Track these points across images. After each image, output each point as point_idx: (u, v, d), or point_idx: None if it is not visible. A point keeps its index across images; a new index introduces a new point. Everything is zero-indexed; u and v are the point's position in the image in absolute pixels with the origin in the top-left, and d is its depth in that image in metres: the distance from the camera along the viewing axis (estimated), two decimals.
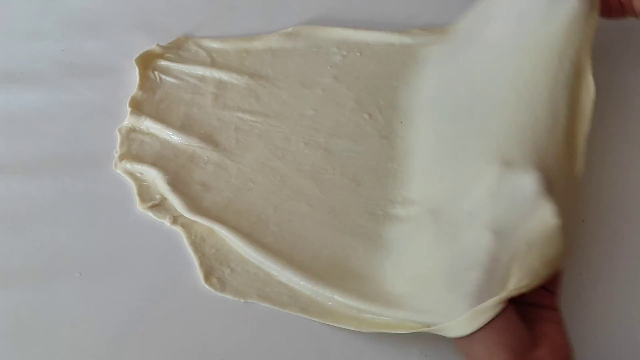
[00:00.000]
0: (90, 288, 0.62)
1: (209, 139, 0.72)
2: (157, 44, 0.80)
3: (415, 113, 0.74)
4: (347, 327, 0.59)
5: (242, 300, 0.62)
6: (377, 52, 0.81)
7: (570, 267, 0.62)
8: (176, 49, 0.81)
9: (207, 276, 0.63)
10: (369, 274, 0.63)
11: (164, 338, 0.60)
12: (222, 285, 0.63)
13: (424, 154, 0.70)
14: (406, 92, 0.77)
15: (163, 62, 0.79)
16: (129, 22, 0.84)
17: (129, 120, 0.74)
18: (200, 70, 0.78)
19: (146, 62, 0.79)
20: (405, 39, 0.82)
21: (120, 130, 0.73)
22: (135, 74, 0.78)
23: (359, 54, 0.81)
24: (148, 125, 0.73)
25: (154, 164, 0.70)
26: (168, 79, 0.78)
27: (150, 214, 0.67)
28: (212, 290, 0.62)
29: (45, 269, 0.63)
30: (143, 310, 0.61)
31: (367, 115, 0.75)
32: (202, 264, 0.64)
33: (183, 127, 0.73)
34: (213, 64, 0.80)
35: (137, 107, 0.75)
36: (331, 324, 0.60)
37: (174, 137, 0.72)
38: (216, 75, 0.78)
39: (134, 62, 0.78)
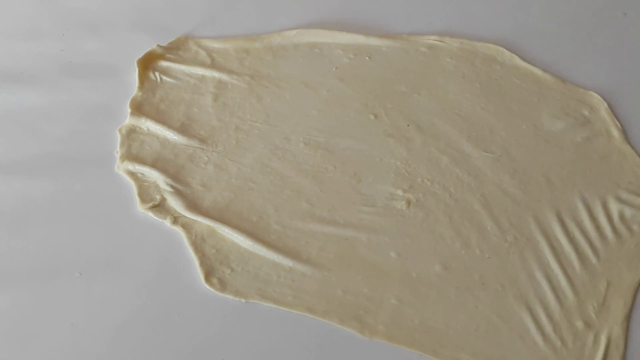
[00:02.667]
0: (90, 288, 0.62)
1: (209, 140, 0.72)
2: (158, 45, 0.80)
3: (423, 121, 0.75)
4: (350, 330, 0.60)
5: (242, 300, 0.62)
6: (389, 58, 0.81)
7: None
8: (176, 49, 0.81)
9: (208, 276, 0.63)
10: (375, 262, 0.64)
11: (164, 338, 0.60)
12: (223, 286, 0.63)
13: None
14: (415, 98, 0.77)
15: (164, 63, 0.79)
16: (129, 22, 0.84)
17: (129, 120, 0.74)
18: (200, 71, 0.78)
19: (147, 63, 0.79)
20: (421, 48, 0.81)
21: (120, 130, 0.73)
22: (135, 75, 0.77)
23: (368, 57, 0.81)
24: (148, 125, 0.73)
25: (154, 164, 0.70)
26: (168, 79, 0.78)
27: (150, 214, 0.67)
28: (213, 290, 0.62)
29: (46, 268, 0.63)
30: (143, 310, 0.61)
31: (373, 115, 0.75)
32: (203, 264, 0.64)
33: (183, 127, 0.73)
34: (213, 64, 0.80)
35: (138, 107, 0.75)
36: (334, 325, 0.60)
37: (174, 138, 0.72)
38: (216, 75, 0.78)
39: (135, 63, 0.78)
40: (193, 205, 0.67)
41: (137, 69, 0.77)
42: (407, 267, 0.64)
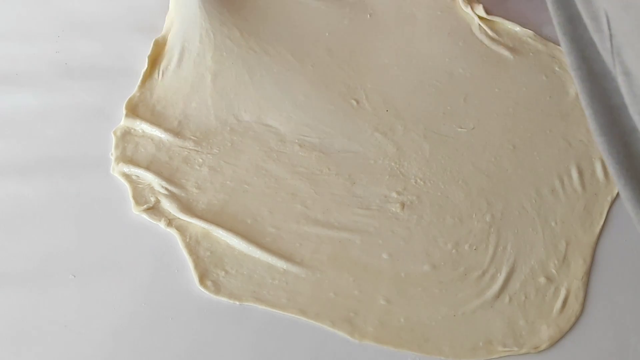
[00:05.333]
0: (84, 290, 0.62)
1: (204, 142, 0.72)
2: (157, 37, 0.80)
3: (401, 101, 0.76)
4: (341, 332, 0.60)
5: (237, 303, 0.62)
6: (386, 15, 0.82)
7: None
8: (172, 23, 0.81)
9: (202, 279, 0.63)
10: (367, 263, 0.64)
11: (158, 341, 0.60)
12: (217, 288, 0.63)
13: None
14: (394, 72, 0.78)
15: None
16: (124, 24, 0.84)
17: (124, 122, 0.73)
18: (197, 31, 0.78)
19: (155, 56, 0.78)
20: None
21: (115, 132, 0.73)
22: (130, 76, 0.77)
23: (369, 15, 0.82)
24: (143, 127, 0.73)
25: (148, 166, 0.70)
26: (171, 65, 0.77)
27: (145, 216, 0.67)
28: (207, 293, 0.62)
29: (39, 270, 0.63)
30: (137, 313, 0.61)
31: (355, 101, 0.75)
32: (197, 266, 0.64)
33: (179, 127, 0.73)
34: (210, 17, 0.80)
35: (133, 109, 0.74)
36: (327, 327, 0.61)
37: (169, 140, 0.72)
38: (211, 35, 0.78)
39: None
40: (187, 207, 0.67)
41: (142, 67, 0.77)
42: (397, 268, 0.64)
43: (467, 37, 0.81)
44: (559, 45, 0.79)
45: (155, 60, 0.78)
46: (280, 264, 0.64)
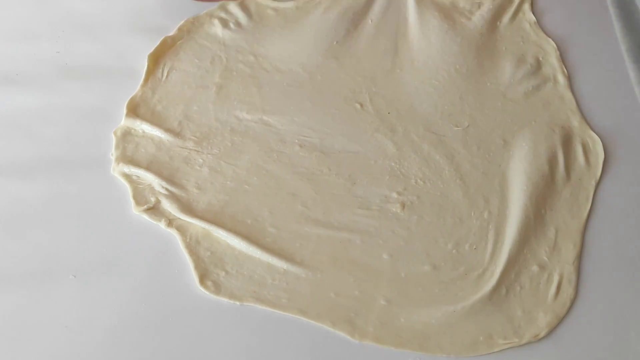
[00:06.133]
0: (84, 291, 0.62)
1: (204, 142, 0.72)
2: (166, 36, 0.80)
3: (403, 103, 0.77)
4: (341, 333, 0.60)
5: (237, 303, 0.62)
6: (387, 20, 0.84)
7: None
8: (187, 32, 0.82)
9: (202, 279, 0.63)
10: (368, 263, 0.64)
11: (158, 340, 0.60)
12: (217, 288, 0.63)
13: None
14: (397, 75, 0.80)
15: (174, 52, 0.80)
16: (124, 24, 0.84)
17: (124, 122, 0.73)
18: (210, 53, 0.80)
19: (158, 56, 0.79)
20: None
21: (115, 132, 0.73)
22: (131, 76, 0.77)
23: (370, 21, 0.84)
24: (144, 127, 0.73)
25: (149, 167, 0.70)
26: (177, 70, 0.78)
27: (145, 216, 0.67)
28: (207, 293, 0.62)
29: (40, 271, 0.63)
30: (137, 313, 0.61)
31: (359, 105, 0.76)
32: (197, 266, 0.64)
33: (180, 127, 0.73)
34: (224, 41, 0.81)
35: (134, 109, 0.75)
36: (328, 328, 0.61)
37: (169, 140, 0.72)
38: (224, 58, 0.80)
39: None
40: (188, 207, 0.67)
41: (146, 64, 0.77)
42: (397, 268, 0.64)
43: (466, 33, 0.82)
44: (549, 37, 0.83)
45: (159, 57, 0.79)
46: (280, 264, 0.64)
